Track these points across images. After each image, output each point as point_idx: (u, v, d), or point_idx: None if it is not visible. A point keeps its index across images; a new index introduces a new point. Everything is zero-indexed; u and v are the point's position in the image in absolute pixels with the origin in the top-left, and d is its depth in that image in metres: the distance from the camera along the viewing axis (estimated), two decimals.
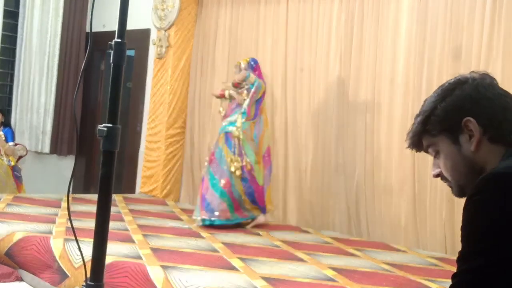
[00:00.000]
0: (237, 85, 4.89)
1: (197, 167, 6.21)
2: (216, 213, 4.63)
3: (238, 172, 4.67)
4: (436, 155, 1.33)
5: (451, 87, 1.29)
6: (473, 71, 1.32)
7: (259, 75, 4.90)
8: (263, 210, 4.84)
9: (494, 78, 1.30)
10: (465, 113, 1.25)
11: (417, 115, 1.33)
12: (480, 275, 1.08)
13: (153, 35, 6.48)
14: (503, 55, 4.07)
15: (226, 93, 4.96)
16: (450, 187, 1.34)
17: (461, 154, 1.27)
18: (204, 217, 4.66)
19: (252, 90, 4.75)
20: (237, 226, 4.71)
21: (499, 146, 1.24)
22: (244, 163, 4.69)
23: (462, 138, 1.26)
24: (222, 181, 4.68)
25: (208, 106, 6.14)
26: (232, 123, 4.79)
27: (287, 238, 4.46)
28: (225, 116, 4.94)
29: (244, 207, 4.73)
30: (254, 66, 4.90)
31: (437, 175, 1.36)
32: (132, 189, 6.61)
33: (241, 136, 4.70)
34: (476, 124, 1.24)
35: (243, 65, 4.90)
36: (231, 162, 4.69)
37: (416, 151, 1.38)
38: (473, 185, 1.19)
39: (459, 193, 1.32)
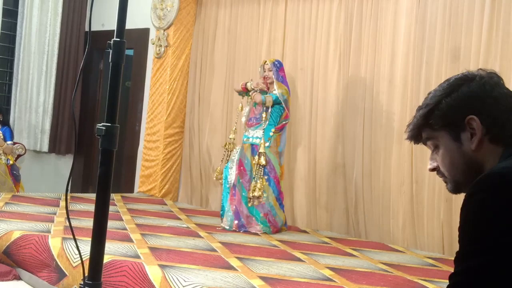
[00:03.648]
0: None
1: (196, 166, 6.22)
2: (244, 223, 4.66)
3: (257, 194, 4.64)
4: (435, 149, 1.33)
5: (458, 82, 1.28)
6: (480, 69, 1.30)
7: (284, 78, 4.83)
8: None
9: (501, 78, 1.28)
10: (470, 111, 1.24)
11: (420, 108, 1.32)
12: (477, 275, 1.08)
13: (152, 35, 6.48)
14: (501, 56, 4.08)
15: (249, 85, 4.85)
16: (446, 182, 1.34)
17: (460, 151, 1.27)
18: (234, 228, 4.66)
19: (282, 102, 4.71)
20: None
21: (499, 146, 1.24)
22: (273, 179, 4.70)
23: (463, 136, 1.26)
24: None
25: (207, 106, 6.14)
26: (259, 138, 4.72)
27: (285, 238, 4.47)
28: (250, 124, 4.84)
29: (277, 216, 4.71)
30: (279, 67, 4.82)
31: (433, 169, 1.35)
32: (130, 188, 6.61)
33: (269, 155, 4.68)
34: (479, 123, 1.23)
35: (268, 65, 4.81)
36: (254, 187, 4.66)
37: (414, 143, 1.37)
38: (469, 183, 1.20)
39: (454, 189, 1.32)
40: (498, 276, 1.06)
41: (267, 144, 4.69)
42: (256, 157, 4.68)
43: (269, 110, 4.72)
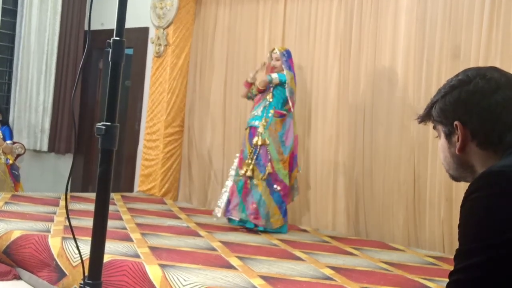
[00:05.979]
0: (259, 90, 4.75)
1: (196, 165, 6.21)
2: (250, 216, 4.56)
3: (249, 173, 4.56)
4: (439, 138, 1.38)
5: (455, 84, 1.30)
6: (484, 72, 1.29)
7: (292, 68, 4.74)
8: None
9: (502, 83, 1.26)
10: (457, 117, 1.27)
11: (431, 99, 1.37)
12: (476, 273, 1.08)
13: (152, 34, 6.48)
14: (501, 54, 4.07)
15: (250, 79, 4.78)
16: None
17: (450, 151, 1.32)
18: (235, 218, 4.60)
19: (286, 85, 4.61)
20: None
21: (489, 151, 1.25)
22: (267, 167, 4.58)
23: (453, 137, 1.30)
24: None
25: (206, 105, 6.13)
26: (257, 117, 4.66)
27: (285, 237, 4.46)
28: (252, 108, 4.82)
29: (265, 206, 4.56)
30: (288, 57, 4.72)
31: None
32: (130, 188, 6.61)
33: (266, 137, 4.58)
34: (463, 129, 1.26)
35: (277, 54, 4.70)
36: (244, 165, 4.60)
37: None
38: (463, 178, 1.30)
39: (451, 178, 1.38)
40: (497, 274, 1.06)
41: (265, 123, 4.60)
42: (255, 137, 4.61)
43: (272, 90, 4.64)
